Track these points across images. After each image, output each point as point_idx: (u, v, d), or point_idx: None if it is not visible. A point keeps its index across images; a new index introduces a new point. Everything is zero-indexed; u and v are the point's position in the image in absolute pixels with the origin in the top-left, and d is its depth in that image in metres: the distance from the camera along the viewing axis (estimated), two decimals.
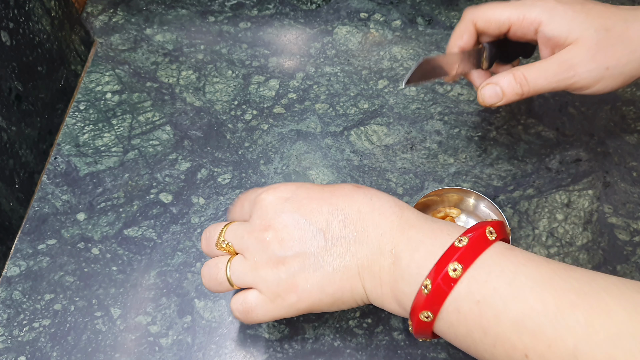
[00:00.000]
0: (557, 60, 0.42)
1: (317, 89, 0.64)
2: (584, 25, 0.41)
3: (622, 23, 0.41)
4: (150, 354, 0.48)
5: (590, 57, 0.41)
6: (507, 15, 0.43)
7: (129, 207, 0.56)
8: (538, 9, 0.42)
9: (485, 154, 0.59)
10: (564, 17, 0.41)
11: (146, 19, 0.70)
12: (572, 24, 0.41)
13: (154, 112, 0.62)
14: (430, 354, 0.48)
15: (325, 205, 0.38)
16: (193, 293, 0.51)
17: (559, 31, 0.41)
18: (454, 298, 0.33)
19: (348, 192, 0.38)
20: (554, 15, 0.41)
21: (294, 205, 0.38)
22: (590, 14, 0.41)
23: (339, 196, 0.38)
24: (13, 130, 0.53)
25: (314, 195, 0.38)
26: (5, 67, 0.52)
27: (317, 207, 0.38)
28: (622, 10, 0.43)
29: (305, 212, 0.38)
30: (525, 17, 0.42)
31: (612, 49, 0.41)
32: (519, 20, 0.42)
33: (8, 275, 0.52)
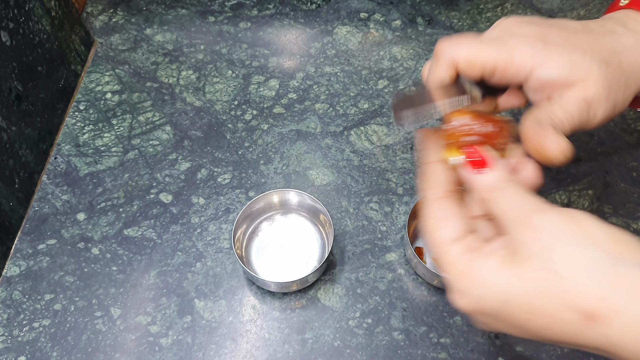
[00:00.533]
0: (575, 100, 0.36)
1: (317, 89, 0.64)
2: (585, 62, 0.36)
3: (614, 56, 0.37)
4: (150, 354, 0.48)
5: (606, 95, 0.37)
6: (493, 58, 0.36)
7: (129, 207, 0.56)
8: (527, 53, 0.36)
9: None
10: (560, 58, 0.36)
11: (146, 19, 0.70)
12: (572, 64, 0.36)
13: (154, 112, 0.62)
14: (430, 354, 0.48)
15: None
16: (193, 293, 0.51)
17: (557, 73, 0.36)
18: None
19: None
20: (548, 58, 0.36)
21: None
22: (583, 51, 0.37)
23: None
24: (13, 130, 0.53)
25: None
26: (5, 67, 0.52)
27: None
28: (606, 39, 0.38)
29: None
30: (514, 61, 0.36)
31: (616, 84, 0.37)
32: (506, 65, 0.36)
33: (8, 275, 0.52)
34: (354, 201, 0.56)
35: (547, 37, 0.37)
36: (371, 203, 0.56)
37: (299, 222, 0.54)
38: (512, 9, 0.70)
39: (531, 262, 0.29)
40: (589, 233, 0.29)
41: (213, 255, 0.53)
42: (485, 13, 0.70)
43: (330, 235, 0.50)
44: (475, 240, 0.32)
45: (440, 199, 0.34)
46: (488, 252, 0.31)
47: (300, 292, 0.51)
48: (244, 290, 0.51)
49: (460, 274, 0.31)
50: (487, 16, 0.70)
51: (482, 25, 0.69)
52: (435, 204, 0.34)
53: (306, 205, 0.53)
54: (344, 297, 0.51)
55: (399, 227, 0.54)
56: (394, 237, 0.54)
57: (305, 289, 0.51)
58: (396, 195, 0.56)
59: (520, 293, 0.29)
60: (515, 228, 0.30)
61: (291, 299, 0.51)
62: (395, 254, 0.53)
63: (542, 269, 0.29)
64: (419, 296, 0.51)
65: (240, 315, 0.50)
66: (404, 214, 0.55)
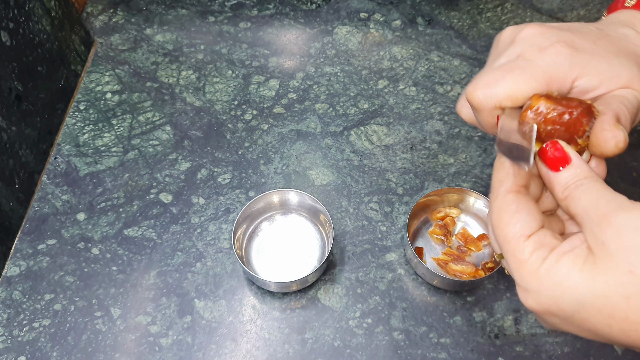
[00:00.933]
0: (631, 94, 0.34)
1: (317, 89, 0.64)
2: (625, 66, 0.35)
3: (637, 58, 0.36)
4: (150, 354, 0.48)
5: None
6: (532, 88, 0.34)
7: (129, 207, 0.56)
8: (565, 65, 0.34)
9: (485, 154, 0.59)
10: (598, 66, 0.34)
11: (146, 19, 0.70)
12: (611, 70, 0.34)
13: (154, 112, 0.62)
14: (430, 354, 0.48)
15: None
16: (193, 293, 0.51)
17: (599, 80, 0.34)
18: None
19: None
20: (586, 67, 0.34)
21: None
22: (616, 54, 0.35)
23: None
24: (13, 130, 0.53)
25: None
26: (5, 67, 0.52)
27: None
28: (622, 43, 0.37)
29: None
30: (553, 79, 0.34)
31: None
32: (549, 87, 0.34)
33: (8, 275, 0.52)
34: (354, 201, 0.56)
35: (577, 43, 0.35)
36: (371, 203, 0.56)
37: (299, 222, 0.54)
38: (512, 8, 0.70)
39: (614, 263, 0.27)
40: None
41: (213, 255, 0.53)
42: (485, 13, 0.70)
43: (330, 235, 0.50)
44: (548, 236, 0.30)
45: (512, 192, 0.32)
46: (564, 251, 0.29)
47: (300, 292, 0.51)
48: (244, 290, 0.51)
49: (533, 273, 0.29)
50: (487, 16, 0.70)
51: (482, 25, 0.69)
52: (506, 198, 0.32)
53: (306, 205, 0.53)
54: (344, 297, 0.51)
55: (399, 227, 0.54)
56: (394, 237, 0.54)
57: (305, 289, 0.51)
58: (396, 195, 0.56)
59: (601, 297, 0.27)
60: (595, 227, 0.29)
61: (291, 299, 0.51)
62: (395, 254, 0.53)
63: (627, 272, 0.27)
64: (419, 296, 0.51)
65: (240, 315, 0.50)
66: (404, 214, 0.55)
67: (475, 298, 0.50)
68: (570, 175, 0.31)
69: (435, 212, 0.54)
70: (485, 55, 0.66)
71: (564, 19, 0.69)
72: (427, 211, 0.54)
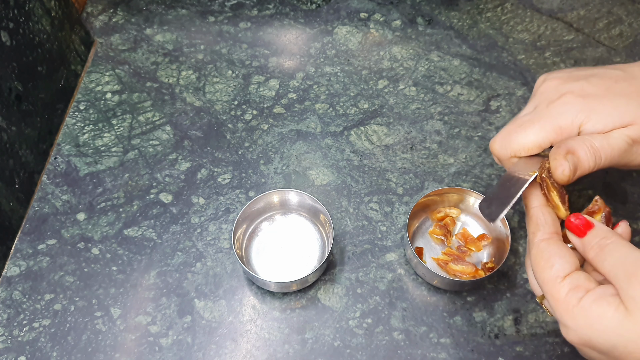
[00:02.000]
0: (623, 137, 0.38)
1: (317, 89, 0.64)
2: (631, 107, 0.38)
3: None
4: (150, 354, 0.48)
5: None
6: (544, 137, 0.39)
7: (129, 207, 0.56)
8: (571, 114, 0.38)
9: (485, 154, 0.59)
10: (603, 109, 0.38)
11: (146, 19, 0.70)
12: (617, 114, 0.38)
13: (154, 112, 0.62)
14: (430, 354, 0.48)
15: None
16: (193, 293, 0.51)
17: (603, 124, 0.38)
18: None
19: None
20: (591, 114, 0.38)
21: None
22: (627, 97, 0.38)
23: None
24: (13, 130, 0.53)
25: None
26: (5, 67, 0.52)
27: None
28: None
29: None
30: (562, 128, 0.38)
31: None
32: (557, 135, 0.39)
33: (8, 275, 0.52)
34: (354, 201, 0.56)
35: (587, 90, 0.39)
36: (371, 203, 0.56)
37: (299, 222, 0.54)
38: (512, 9, 0.70)
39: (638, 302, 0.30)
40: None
41: (213, 255, 0.53)
42: (485, 13, 0.70)
43: (330, 235, 0.50)
44: (582, 278, 0.33)
45: (544, 240, 0.36)
46: (598, 296, 0.32)
47: (300, 292, 0.51)
48: (244, 290, 0.51)
49: (569, 312, 0.33)
50: (487, 16, 0.70)
51: (482, 25, 0.69)
52: (540, 246, 0.36)
53: (306, 205, 0.53)
54: (344, 297, 0.51)
55: (399, 227, 0.54)
56: (394, 237, 0.54)
57: (305, 289, 0.51)
58: (396, 195, 0.56)
59: (631, 342, 0.30)
60: (624, 284, 0.32)
61: (291, 299, 0.51)
62: (395, 254, 0.53)
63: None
64: (419, 296, 0.51)
65: (240, 315, 0.50)
66: (404, 214, 0.55)
67: (475, 298, 0.50)
68: (593, 237, 0.35)
69: (435, 212, 0.54)
70: (485, 55, 0.67)
71: (563, 19, 0.69)
72: (427, 211, 0.54)
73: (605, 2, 0.70)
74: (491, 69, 0.65)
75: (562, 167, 0.37)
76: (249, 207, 0.51)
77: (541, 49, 0.67)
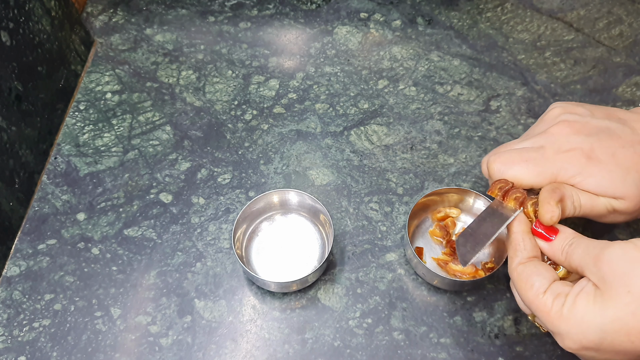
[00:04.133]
0: (606, 202, 0.42)
1: (317, 89, 0.64)
2: (626, 184, 0.41)
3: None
4: (150, 354, 0.48)
5: (635, 211, 0.42)
6: (540, 179, 0.42)
7: (129, 207, 0.56)
8: (571, 172, 0.41)
9: (485, 154, 0.59)
10: (600, 179, 0.41)
11: (146, 19, 0.70)
12: (611, 185, 0.41)
13: (154, 112, 0.62)
14: (430, 354, 0.48)
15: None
16: (193, 293, 0.51)
17: (595, 189, 0.41)
18: None
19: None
20: (588, 177, 0.41)
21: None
22: (627, 170, 0.41)
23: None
24: (13, 130, 0.53)
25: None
26: (5, 67, 0.52)
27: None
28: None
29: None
30: (558, 178, 0.42)
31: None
32: (550, 182, 0.42)
33: (8, 275, 0.52)
34: (354, 201, 0.56)
35: (594, 152, 0.42)
36: (371, 203, 0.56)
37: (299, 222, 0.54)
38: (512, 9, 0.70)
39: (614, 290, 0.33)
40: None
41: (213, 255, 0.53)
42: (485, 13, 0.70)
43: (330, 235, 0.50)
44: (560, 286, 0.36)
45: (522, 264, 0.39)
46: (576, 292, 0.35)
47: (300, 292, 0.51)
48: (244, 290, 0.51)
49: (557, 319, 0.35)
50: (487, 16, 0.70)
51: (482, 25, 0.69)
52: (518, 269, 0.39)
53: (306, 205, 0.53)
54: (344, 297, 0.51)
55: (399, 227, 0.54)
56: (394, 237, 0.54)
57: (305, 289, 0.51)
58: (396, 195, 0.56)
59: (615, 320, 0.32)
60: (593, 268, 0.35)
61: (291, 299, 0.51)
62: (395, 254, 0.53)
63: (626, 293, 0.32)
64: (419, 296, 0.51)
65: (240, 315, 0.50)
66: (404, 214, 0.55)
67: (475, 298, 0.50)
68: (561, 240, 0.39)
69: (435, 212, 0.54)
70: (485, 55, 0.67)
71: (563, 19, 0.69)
72: (427, 211, 0.54)
73: (605, 2, 0.70)
74: (491, 69, 0.65)
75: (551, 214, 0.40)
76: (249, 207, 0.51)
77: (541, 49, 0.67)
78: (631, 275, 0.32)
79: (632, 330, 0.32)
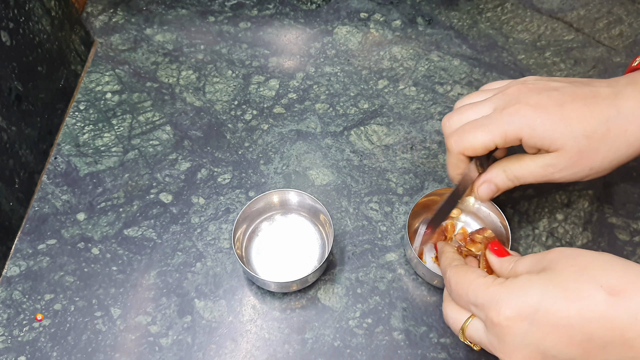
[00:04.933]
0: (541, 163, 0.44)
1: (317, 89, 0.64)
2: (565, 135, 0.42)
3: (603, 125, 0.42)
4: (150, 354, 0.48)
5: (572, 163, 0.43)
6: (490, 140, 0.43)
7: (129, 207, 0.56)
8: (516, 124, 0.42)
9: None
10: (544, 129, 0.42)
11: (146, 19, 0.70)
12: (553, 135, 0.42)
13: (154, 112, 0.62)
14: (430, 354, 0.48)
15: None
16: (193, 293, 0.51)
17: (541, 142, 0.42)
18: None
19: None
20: (534, 129, 0.42)
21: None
22: (569, 121, 0.42)
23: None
24: (13, 130, 0.53)
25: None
26: (5, 67, 0.52)
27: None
28: (605, 104, 0.42)
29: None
30: (507, 135, 0.43)
31: (594, 154, 0.42)
32: (503, 141, 0.43)
33: (8, 275, 0.52)
34: (354, 201, 0.56)
35: (542, 103, 0.43)
36: (371, 203, 0.56)
37: (299, 222, 0.54)
38: (512, 8, 0.70)
39: (559, 267, 0.35)
40: (587, 251, 0.37)
41: (213, 255, 0.53)
42: (485, 13, 0.70)
43: (330, 235, 0.50)
44: (502, 277, 0.39)
45: (458, 265, 0.42)
46: (519, 272, 0.38)
47: (300, 292, 0.51)
48: (244, 290, 0.51)
49: (498, 288, 0.36)
50: (487, 16, 0.70)
51: (482, 25, 0.69)
52: (454, 269, 0.41)
53: (306, 205, 0.53)
54: (344, 297, 0.51)
55: (399, 227, 0.54)
56: (394, 237, 0.54)
57: (305, 289, 0.51)
58: (396, 195, 0.56)
59: (556, 285, 0.34)
60: (536, 263, 0.38)
61: (291, 299, 0.51)
62: (395, 254, 0.53)
63: (569, 266, 0.35)
64: (419, 296, 0.51)
65: (240, 315, 0.50)
66: (404, 214, 0.55)
67: None
68: (509, 258, 0.42)
69: None
70: (485, 55, 0.67)
71: (563, 19, 0.69)
72: (427, 211, 0.54)
73: (605, 2, 0.70)
74: (491, 69, 0.65)
75: (484, 192, 0.46)
76: (249, 207, 0.51)
77: (541, 49, 0.67)
78: (574, 257, 0.36)
79: (571, 296, 0.33)
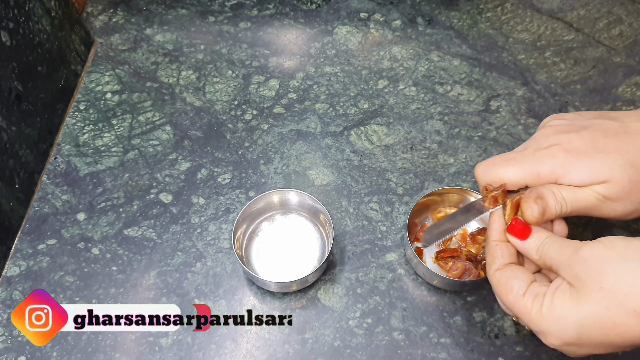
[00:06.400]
0: (592, 191, 0.41)
1: (317, 89, 0.64)
2: (607, 164, 0.40)
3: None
4: (150, 354, 0.48)
5: (626, 194, 0.41)
6: (521, 178, 0.42)
7: (129, 207, 0.56)
8: (550, 167, 0.41)
9: (486, 154, 0.59)
10: (580, 168, 0.41)
11: (146, 19, 0.70)
12: (593, 171, 0.40)
13: (154, 112, 0.62)
14: (430, 354, 0.48)
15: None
16: (193, 293, 0.51)
17: (579, 180, 0.41)
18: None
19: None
20: (569, 169, 0.41)
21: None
22: (608, 154, 0.41)
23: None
24: (13, 130, 0.53)
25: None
26: (5, 67, 0.52)
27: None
28: (632, 137, 0.42)
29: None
30: (540, 175, 0.42)
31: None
32: (534, 180, 0.42)
33: (8, 275, 0.52)
34: (354, 201, 0.56)
35: (574, 144, 0.42)
36: (371, 203, 0.56)
37: (299, 222, 0.54)
38: (512, 8, 0.70)
39: (588, 287, 0.35)
40: (620, 252, 0.35)
41: (213, 255, 0.53)
42: (485, 13, 0.70)
43: (330, 235, 0.50)
44: (537, 287, 0.38)
45: (500, 270, 0.40)
46: (552, 292, 0.37)
47: (300, 292, 0.51)
48: (244, 290, 0.51)
49: (538, 318, 0.36)
50: (487, 16, 0.70)
51: (482, 25, 0.69)
52: (496, 275, 0.40)
53: (306, 205, 0.53)
54: (344, 297, 0.51)
55: (399, 227, 0.54)
56: (394, 237, 0.54)
57: (305, 289, 0.51)
58: (396, 195, 0.56)
59: (590, 315, 0.34)
60: (567, 267, 0.36)
61: (291, 299, 0.51)
62: (395, 254, 0.53)
63: (599, 289, 0.34)
64: (419, 296, 0.51)
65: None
66: (404, 214, 0.55)
67: (475, 298, 0.50)
68: (535, 239, 0.40)
69: (435, 212, 0.54)
70: (485, 55, 0.67)
71: (563, 19, 0.69)
72: (427, 211, 0.54)
73: (605, 2, 0.70)
74: (491, 69, 0.65)
75: (531, 210, 0.41)
76: (249, 207, 0.51)
77: (541, 49, 0.67)
78: (602, 273, 0.34)
79: (606, 324, 0.34)
